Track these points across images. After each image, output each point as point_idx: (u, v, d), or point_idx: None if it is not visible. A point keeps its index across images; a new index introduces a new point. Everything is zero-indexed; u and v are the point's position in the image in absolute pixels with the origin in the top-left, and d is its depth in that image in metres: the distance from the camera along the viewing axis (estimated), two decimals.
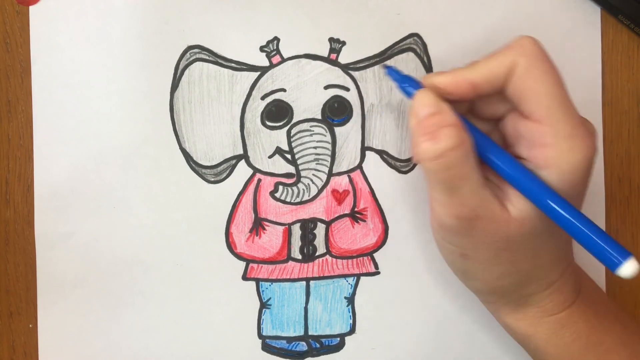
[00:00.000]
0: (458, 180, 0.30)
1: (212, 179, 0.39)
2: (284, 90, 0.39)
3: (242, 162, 0.39)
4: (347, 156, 0.40)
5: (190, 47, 0.39)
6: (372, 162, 0.40)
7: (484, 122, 0.33)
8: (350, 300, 0.40)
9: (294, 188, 0.39)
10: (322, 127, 0.39)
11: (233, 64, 0.39)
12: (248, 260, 0.40)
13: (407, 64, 0.39)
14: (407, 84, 0.33)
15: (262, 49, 0.39)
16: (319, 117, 0.39)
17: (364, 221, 0.40)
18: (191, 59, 0.39)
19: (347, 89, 0.39)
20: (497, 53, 0.31)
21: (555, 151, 0.29)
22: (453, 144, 0.29)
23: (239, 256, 0.40)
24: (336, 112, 0.39)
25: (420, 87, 0.32)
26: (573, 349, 0.34)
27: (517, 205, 0.30)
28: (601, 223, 0.41)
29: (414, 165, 0.40)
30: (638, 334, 0.36)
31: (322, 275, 0.40)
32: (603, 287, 0.41)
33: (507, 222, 0.30)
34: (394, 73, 0.34)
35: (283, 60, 0.39)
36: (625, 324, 0.36)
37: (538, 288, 0.33)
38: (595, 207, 0.40)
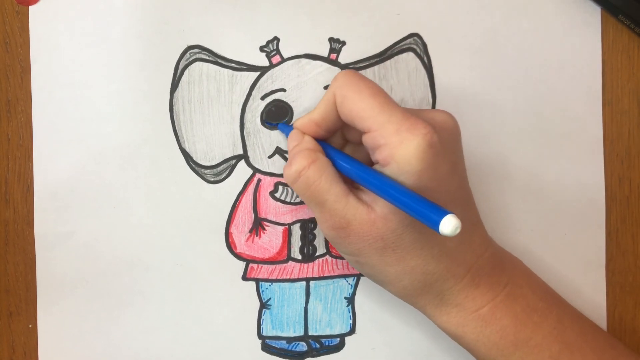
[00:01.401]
0: (320, 194, 0.34)
1: (212, 179, 0.39)
2: (284, 90, 0.39)
3: (242, 162, 0.39)
4: None
5: (190, 47, 0.39)
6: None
7: (361, 147, 0.36)
8: (350, 300, 0.40)
9: None
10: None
11: (233, 64, 0.39)
12: (248, 261, 0.40)
13: (407, 64, 0.39)
14: (286, 129, 0.38)
15: (262, 49, 0.39)
16: None
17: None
18: (191, 59, 0.39)
19: None
20: (326, 92, 0.35)
21: (388, 148, 0.32)
22: (305, 163, 0.34)
23: (239, 256, 0.40)
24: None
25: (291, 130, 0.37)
26: (502, 346, 0.35)
27: (379, 204, 0.33)
28: (601, 223, 0.41)
29: None
30: (572, 325, 0.36)
31: (322, 275, 0.40)
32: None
33: (374, 222, 0.33)
34: (281, 127, 0.39)
35: (283, 60, 0.39)
36: (560, 315, 0.36)
37: (446, 284, 0.35)
38: (595, 207, 0.40)
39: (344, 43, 0.39)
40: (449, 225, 0.28)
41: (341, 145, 0.37)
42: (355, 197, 0.34)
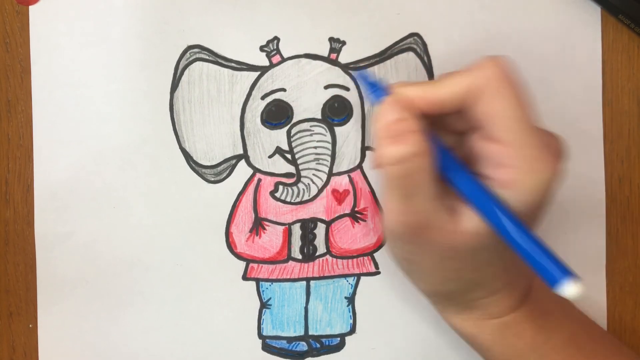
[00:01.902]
0: (414, 188, 0.30)
1: (212, 179, 0.39)
2: (284, 90, 0.39)
3: (242, 162, 0.39)
4: (348, 156, 0.40)
5: (190, 47, 0.39)
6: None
7: (447, 134, 0.33)
8: (351, 300, 0.40)
9: (294, 188, 0.39)
10: (322, 127, 0.39)
11: (233, 64, 0.39)
12: (248, 260, 0.40)
13: (407, 63, 0.39)
14: (376, 89, 0.33)
15: (262, 48, 0.39)
16: (319, 116, 0.39)
17: (364, 221, 0.40)
18: (191, 58, 0.39)
19: (347, 89, 0.39)
20: (466, 71, 0.31)
21: (517, 173, 0.29)
22: (416, 150, 0.29)
23: (239, 256, 0.40)
24: (336, 111, 0.39)
25: (388, 95, 0.32)
26: (518, 347, 0.35)
27: (466, 217, 0.31)
28: (601, 223, 0.41)
29: None
30: (585, 330, 0.36)
31: (322, 275, 0.40)
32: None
33: (454, 234, 0.31)
34: (364, 77, 0.34)
35: (283, 60, 0.39)
36: (574, 322, 0.36)
37: (482, 294, 0.34)
38: (595, 207, 0.40)
39: (344, 43, 0.39)
40: (573, 289, 0.27)
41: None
42: (442, 202, 0.31)
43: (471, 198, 0.30)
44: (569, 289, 0.27)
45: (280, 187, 0.40)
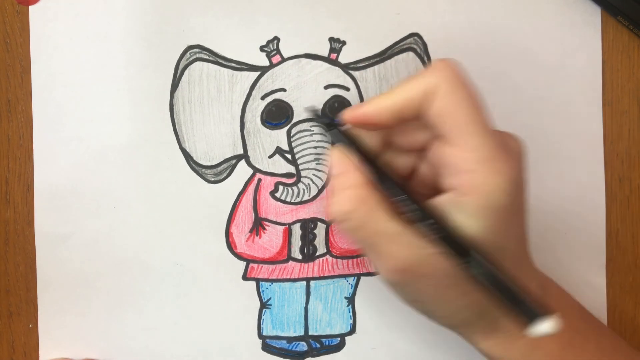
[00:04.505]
0: (371, 238, 0.30)
1: (212, 179, 0.39)
2: (284, 90, 0.39)
3: (242, 162, 0.39)
4: None
5: (190, 47, 0.39)
6: None
7: (407, 154, 0.33)
8: (351, 300, 0.40)
9: (294, 188, 0.39)
10: (322, 127, 0.39)
11: (233, 64, 0.39)
12: (248, 260, 0.40)
13: (407, 64, 0.39)
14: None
15: (262, 48, 0.39)
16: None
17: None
18: (191, 58, 0.39)
19: (347, 89, 0.39)
20: (417, 76, 0.30)
21: (479, 177, 0.29)
22: (352, 206, 0.30)
23: (239, 256, 0.40)
24: (336, 111, 0.39)
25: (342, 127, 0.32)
26: None
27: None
28: (601, 223, 0.41)
29: None
30: (613, 346, 0.36)
31: (322, 275, 0.40)
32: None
33: (440, 259, 0.30)
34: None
35: (283, 60, 0.39)
36: (599, 336, 0.36)
37: (501, 313, 0.33)
38: (595, 207, 0.41)
39: (344, 43, 0.39)
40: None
41: (380, 148, 0.33)
42: (415, 232, 0.30)
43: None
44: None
45: (280, 187, 0.40)
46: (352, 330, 0.41)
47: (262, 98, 0.39)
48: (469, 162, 0.29)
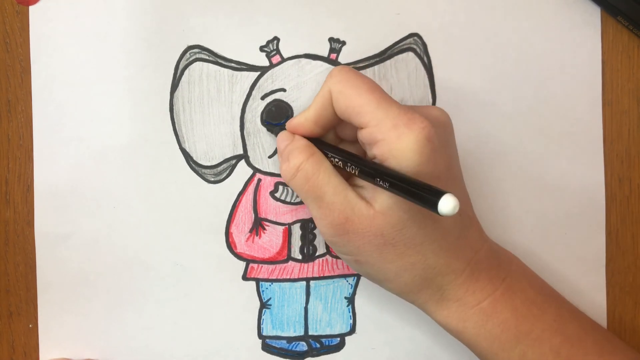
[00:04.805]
0: (319, 188, 0.34)
1: (212, 179, 0.39)
2: (284, 90, 0.39)
3: (242, 162, 0.39)
4: None
5: (190, 47, 0.39)
6: None
7: (354, 144, 0.37)
8: (350, 300, 0.40)
9: None
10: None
11: (233, 64, 0.39)
12: (248, 260, 0.40)
13: (407, 64, 0.39)
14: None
15: (262, 48, 0.39)
16: None
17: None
18: (191, 59, 0.39)
19: None
20: (320, 89, 0.35)
21: (386, 144, 0.32)
22: (303, 158, 0.34)
23: (239, 256, 0.40)
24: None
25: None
26: (503, 339, 0.35)
27: (379, 199, 0.33)
28: (601, 223, 0.41)
29: None
30: (571, 318, 0.37)
31: (322, 275, 0.40)
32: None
33: (373, 217, 0.33)
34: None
35: (283, 60, 0.39)
36: (558, 308, 0.37)
37: (446, 278, 0.35)
38: (595, 207, 0.40)
39: (344, 43, 0.39)
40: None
41: (334, 144, 0.37)
42: (355, 192, 0.34)
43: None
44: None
45: (280, 187, 0.40)
46: (352, 330, 0.41)
47: (262, 98, 0.39)
48: (377, 134, 0.33)
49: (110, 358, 0.40)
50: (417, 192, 0.30)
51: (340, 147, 0.37)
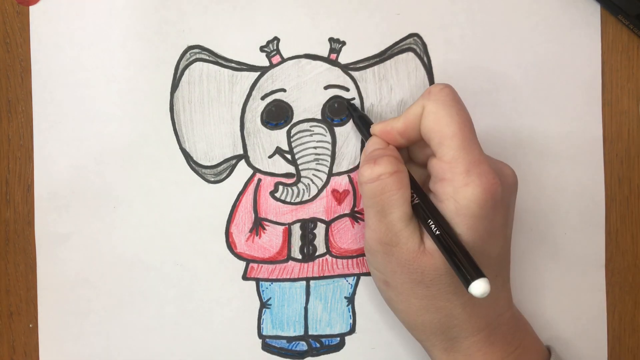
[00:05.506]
0: (389, 206, 0.33)
1: (212, 179, 0.39)
2: (284, 90, 0.39)
3: (242, 162, 0.39)
4: (347, 156, 0.40)
5: (190, 47, 0.39)
6: None
7: (421, 168, 0.37)
8: (350, 300, 0.40)
9: (294, 188, 0.40)
10: (322, 127, 0.39)
11: (233, 64, 0.39)
12: (248, 260, 0.40)
13: (407, 64, 0.39)
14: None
15: (262, 49, 0.39)
16: (319, 117, 0.39)
17: (364, 221, 0.40)
18: (191, 59, 0.39)
19: (347, 89, 0.39)
20: (416, 101, 0.34)
21: (452, 186, 0.32)
22: (390, 170, 0.33)
23: (239, 256, 0.40)
24: (336, 112, 0.39)
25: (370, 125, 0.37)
26: None
27: (432, 242, 0.33)
28: (601, 223, 0.41)
29: None
30: None
31: (322, 275, 0.40)
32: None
33: (421, 254, 0.33)
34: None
35: (283, 60, 0.39)
36: None
37: (463, 332, 0.34)
38: (595, 207, 0.41)
39: (344, 43, 0.39)
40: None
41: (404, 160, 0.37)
42: (414, 224, 0.34)
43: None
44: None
45: (280, 187, 0.40)
46: (352, 330, 0.41)
47: (262, 98, 0.39)
48: (446, 172, 0.32)
49: (111, 358, 0.40)
50: (458, 262, 0.30)
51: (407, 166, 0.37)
